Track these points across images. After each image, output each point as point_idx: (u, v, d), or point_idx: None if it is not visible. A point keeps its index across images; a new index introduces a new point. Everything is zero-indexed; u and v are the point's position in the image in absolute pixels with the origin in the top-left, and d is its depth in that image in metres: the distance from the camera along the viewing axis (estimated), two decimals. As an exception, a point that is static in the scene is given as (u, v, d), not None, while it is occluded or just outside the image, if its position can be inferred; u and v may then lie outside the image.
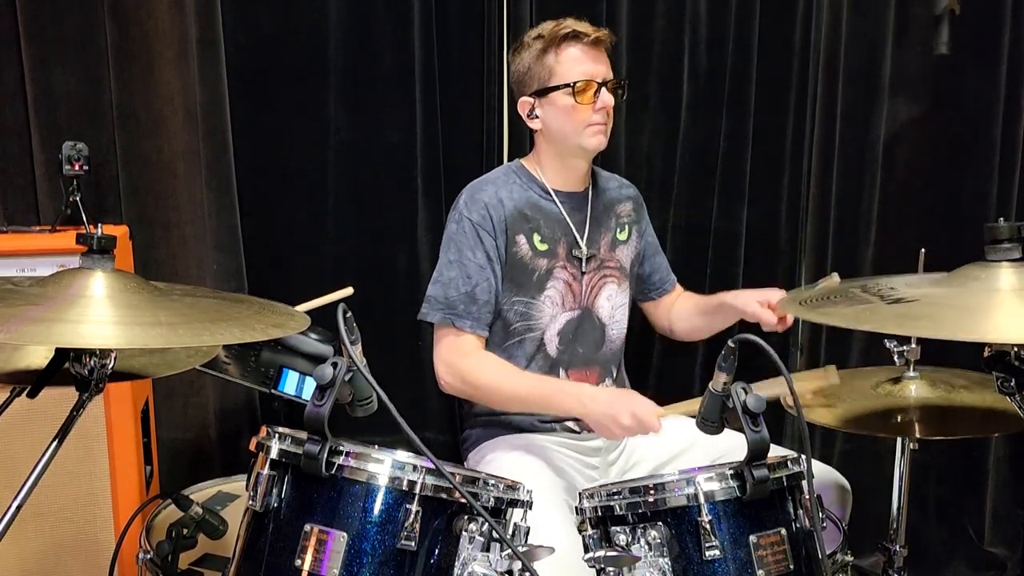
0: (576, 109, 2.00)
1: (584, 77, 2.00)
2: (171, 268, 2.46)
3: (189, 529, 1.69)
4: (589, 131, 2.02)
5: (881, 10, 2.69)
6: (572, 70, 2.00)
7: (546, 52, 2.02)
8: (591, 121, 2.01)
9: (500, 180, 2.10)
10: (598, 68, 2.02)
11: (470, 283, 1.99)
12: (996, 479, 2.94)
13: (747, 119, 2.67)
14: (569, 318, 2.09)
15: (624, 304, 2.19)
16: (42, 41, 2.33)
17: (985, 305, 1.48)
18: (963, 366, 2.14)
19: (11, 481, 1.46)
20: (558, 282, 2.07)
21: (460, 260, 2.01)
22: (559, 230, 2.08)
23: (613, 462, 2.11)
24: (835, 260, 2.77)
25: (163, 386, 2.45)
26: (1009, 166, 2.78)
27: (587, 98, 1.99)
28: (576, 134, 2.02)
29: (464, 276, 2.00)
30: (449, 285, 2.00)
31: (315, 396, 1.33)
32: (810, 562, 1.42)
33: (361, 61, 2.51)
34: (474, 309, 1.99)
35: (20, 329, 1.24)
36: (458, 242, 2.02)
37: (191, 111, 2.40)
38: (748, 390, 1.41)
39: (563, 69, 2.01)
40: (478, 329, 2.00)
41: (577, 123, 2.01)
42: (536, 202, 2.08)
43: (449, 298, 1.99)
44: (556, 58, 2.01)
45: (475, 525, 1.35)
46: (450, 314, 1.99)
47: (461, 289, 1.99)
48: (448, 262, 2.02)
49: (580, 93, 1.99)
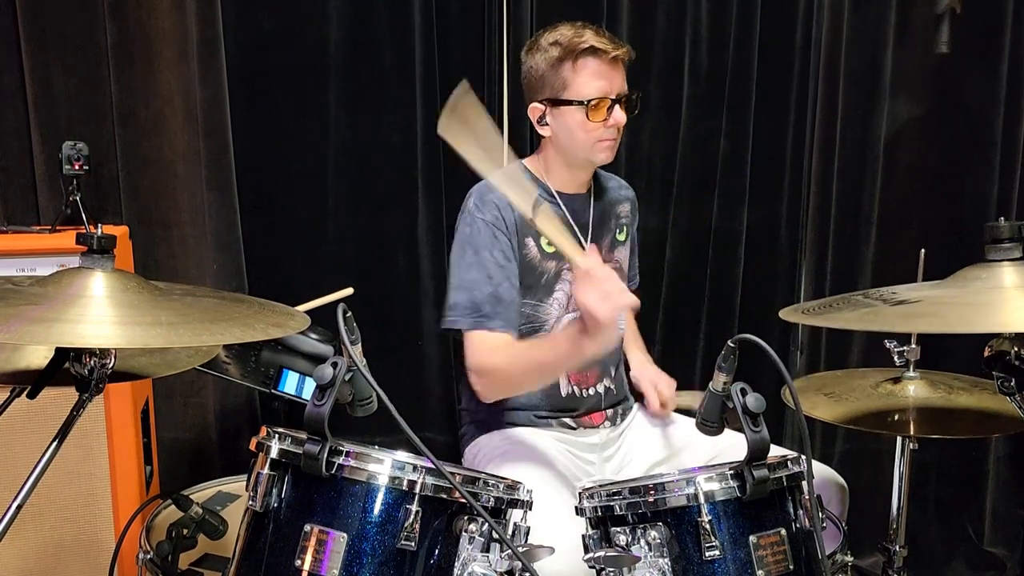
0: (588, 126, 1.96)
1: (599, 94, 1.94)
2: (171, 268, 2.47)
3: (189, 529, 1.68)
4: (599, 147, 1.99)
5: (882, 10, 2.69)
6: (588, 86, 1.94)
7: (562, 62, 1.96)
8: (602, 137, 1.98)
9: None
10: (613, 84, 1.96)
11: (492, 283, 1.92)
12: (996, 479, 2.94)
13: (747, 119, 2.67)
14: (572, 319, 2.09)
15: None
16: (42, 41, 2.34)
17: (989, 301, 1.48)
18: (961, 370, 2.14)
19: (11, 481, 1.46)
20: (565, 284, 2.07)
21: (479, 261, 1.93)
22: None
23: (609, 458, 2.11)
24: (835, 260, 2.76)
25: (163, 386, 2.46)
26: (1009, 166, 2.78)
27: (600, 115, 1.95)
28: (585, 149, 2.00)
29: (486, 276, 1.92)
30: (473, 288, 1.92)
31: (315, 396, 1.33)
32: (810, 562, 1.42)
33: (361, 61, 2.52)
34: (501, 309, 1.92)
35: (20, 329, 1.24)
36: (474, 244, 1.95)
37: (191, 111, 2.40)
38: (748, 390, 1.41)
39: (578, 84, 1.95)
40: (510, 328, 1.92)
41: (588, 139, 1.98)
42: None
43: (475, 301, 1.91)
44: (572, 71, 1.95)
45: (475, 525, 1.35)
46: (479, 317, 1.91)
47: (485, 290, 1.91)
48: (467, 265, 1.94)
49: (593, 110, 1.95)
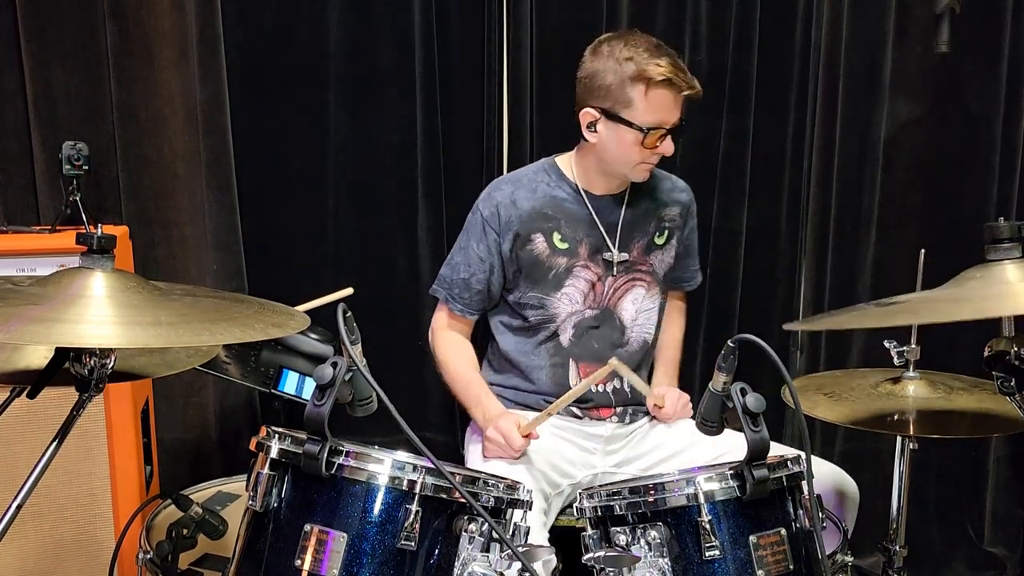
0: (640, 151, 1.99)
1: (660, 124, 1.97)
2: (171, 268, 2.47)
3: (189, 529, 1.69)
4: (641, 167, 2.04)
5: (881, 9, 2.68)
6: (652, 115, 1.96)
7: (635, 82, 1.94)
8: (647, 159, 2.02)
9: (524, 180, 2.13)
10: (674, 117, 1.99)
11: (468, 271, 2.13)
12: (996, 479, 2.93)
13: (747, 119, 2.66)
14: (587, 315, 2.11)
15: (652, 308, 2.17)
16: (42, 41, 2.34)
17: (987, 295, 1.48)
18: (961, 370, 2.14)
19: (11, 481, 1.46)
20: (579, 280, 2.08)
21: (466, 248, 2.14)
22: (582, 230, 2.09)
23: (612, 452, 2.12)
24: (835, 260, 2.76)
25: (163, 386, 2.45)
26: (1009, 166, 2.77)
27: (654, 143, 1.98)
28: (627, 167, 2.04)
29: (465, 264, 2.14)
30: (455, 269, 2.16)
31: (315, 396, 1.33)
32: (810, 562, 1.42)
33: (361, 61, 2.51)
34: (466, 296, 2.15)
35: (20, 329, 1.24)
36: (468, 231, 2.15)
37: (191, 111, 2.40)
38: (748, 390, 1.41)
39: (644, 110, 1.95)
40: (466, 313, 2.17)
41: (634, 160, 2.01)
42: (560, 202, 2.10)
43: (452, 280, 2.16)
44: (642, 95, 1.95)
45: (475, 525, 1.35)
46: (448, 294, 2.17)
47: (461, 275, 2.14)
48: (459, 247, 2.17)
49: (650, 138, 1.97)
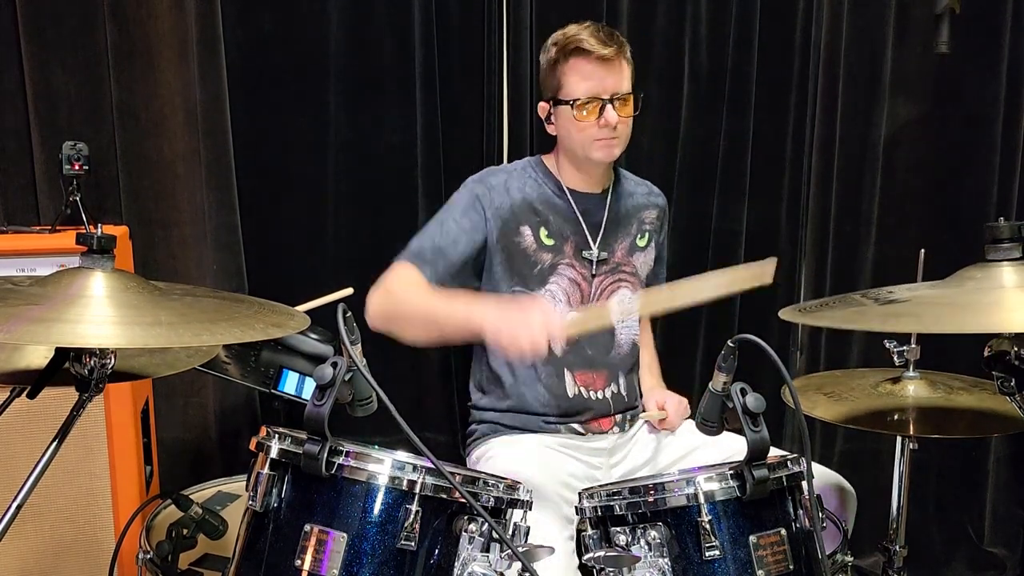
0: (578, 125, 1.99)
1: (589, 95, 1.96)
2: (171, 268, 2.46)
3: (189, 529, 1.69)
4: (595, 145, 2.01)
5: (881, 9, 2.69)
6: (577, 86, 1.97)
7: (557, 63, 1.99)
8: (596, 136, 1.99)
9: (515, 172, 2.11)
10: (605, 84, 1.96)
11: (446, 238, 1.99)
12: (996, 479, 2.94)
13: (747, 119, 2.67)
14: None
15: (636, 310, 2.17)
16: (42, 41, 2.34)
17: (985, 302, 1.48)
18: (961, 370, 2.14)
19: (11, 481, 1.46)
20: (562, 279, 2.07)
21: (446, 219, 2.02)
22: (568, 228, 2.08)
23: (617, 464, 2.10)
24: (835, 260, 2.77)
25: (163, 386, 2.46)
26: (1009, 166, 2.78)
27: (590, 115, 1.97)
28: (582, 147, 2.02)
29: (442, 232, 2.00)
30: (426, 237, 2.00)
31: (315, 396, 1.33)
32: (810, 562, 1.42)
33: (361, 61, 2.51)
34: (439, 262, 1.97)
35: (20, 329, 1.24)
36: (452, 204, 2.05)
37: (191, 111, 2.40)
38: (748, 390, 1.41)
39: (569, 84, 1.98)
40: (433, 280, 1.96)
41: (582, 138, 2.00)
42: (548, 198, 2.09)
43: (422, 247, 1.99)
44: (564, 71, 1.98)
45: (475, 525, 1.35)
46: (415, 259, 1.97)
47: (435, 241, 1.99)
48: (436, 220, 2.04)
49: (582, 110, 1.97)
